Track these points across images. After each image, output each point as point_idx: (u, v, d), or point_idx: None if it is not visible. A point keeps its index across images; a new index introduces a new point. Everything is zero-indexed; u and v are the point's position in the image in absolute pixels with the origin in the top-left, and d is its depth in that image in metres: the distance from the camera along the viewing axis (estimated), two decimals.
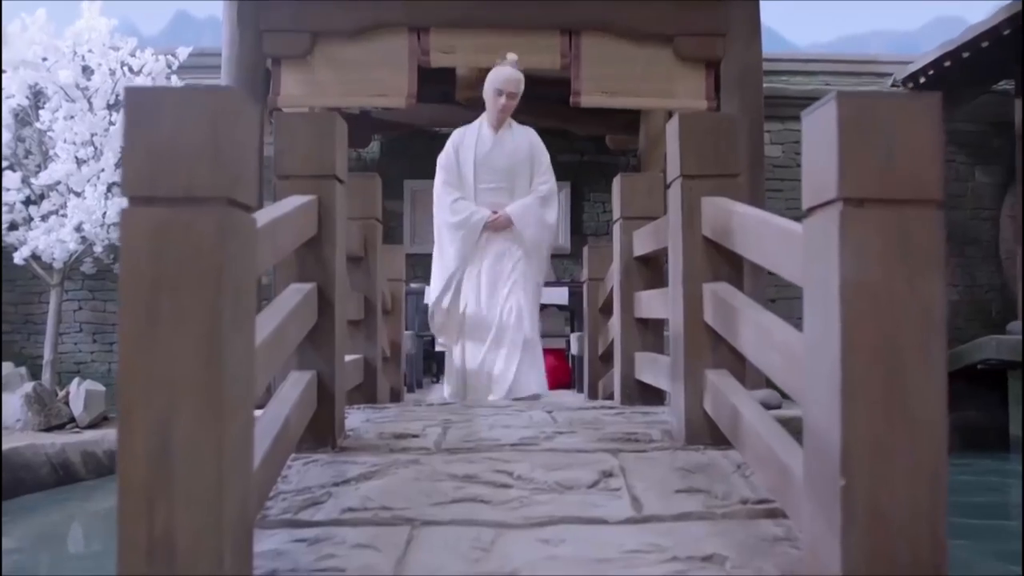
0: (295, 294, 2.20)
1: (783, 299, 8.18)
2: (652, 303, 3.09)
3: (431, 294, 4.72)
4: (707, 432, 2.35)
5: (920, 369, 1.35)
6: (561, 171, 8.38)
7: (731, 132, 2.40)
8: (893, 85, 8.38)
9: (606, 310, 4.17)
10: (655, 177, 3.44)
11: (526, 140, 4.71)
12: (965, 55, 7.29)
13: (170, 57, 7.24)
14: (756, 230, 1.90)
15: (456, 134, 4.78)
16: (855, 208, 1.35)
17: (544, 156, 4.72)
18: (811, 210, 1.47)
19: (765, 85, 8.22)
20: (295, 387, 2.23)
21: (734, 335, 2.12)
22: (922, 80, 8.01)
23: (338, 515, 1.91)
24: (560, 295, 6.22)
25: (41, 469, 6.07)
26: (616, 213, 3.55)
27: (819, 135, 1.42)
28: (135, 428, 1.28)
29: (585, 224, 8.27)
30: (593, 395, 4.26)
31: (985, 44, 7.05)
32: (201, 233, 1.31)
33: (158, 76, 7.19)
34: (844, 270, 1.35)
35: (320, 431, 2.34)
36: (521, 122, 4.80)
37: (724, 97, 5.13)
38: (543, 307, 6.37)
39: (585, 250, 4.66)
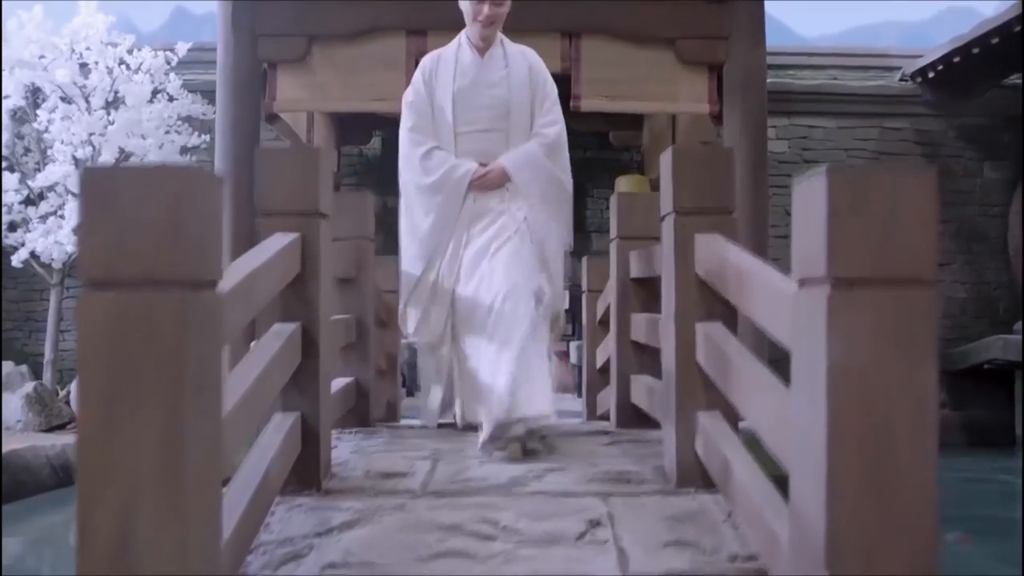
0: (276, 338, 2.15)
1: None
2: (647, 331, 3.04)
3: (401, 284, 3.46)
4: (698, 475, 2.30)
5: (912, 460, 1.29)
6: None
7: (727, 167, 2.34)
8: (902, 79, 8.26)
9: (605, 323, 4.12)
10: (652, 197, 3.37)
11: (524, 64, 3.44)
12: (975, 51, 7.17)
13: (168, 53, 7.18)
14: (749, 284, 1.84)
15: (428, 60, 3.50)
16: (844, 290, 1.30)
17: (549, 87, 3.45)
18: (801, 282, 1.42)
19: (771, 80, 8.12)
20: (278, 432, 2.19)
21: (725, 384, 2.06)
22: (931, 75, 7.89)
23: (319, 572, 1.87)
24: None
25: (42, 471, 6.07)
26: (613, 232, 3.50)
27: (809, 208, 1.35)
28: (96, 523, 1.25)
29: (588, 221, 8.20)
30: (591, 410, 4.20)
31: (995, 40, 6.92)
32: (161, 318, 1.26)
33: (156, 72, 7.14)
34: (832, 355, 1.29)
35: (304, 473, 2.30)
36: None
37: (727, 101, 5.04)
38: None
39: (584, 261, 4.60)
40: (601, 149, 7.93)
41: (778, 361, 1.81)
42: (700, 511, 2.18)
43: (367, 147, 8.00)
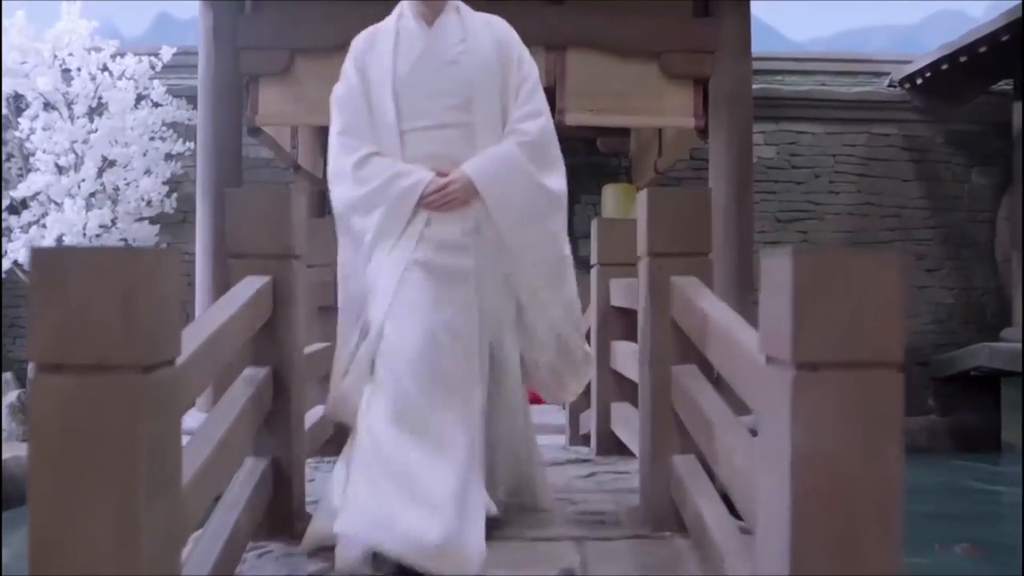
0: (246, 385, 2.12)
1: None
2: (626, 363, 3.02)
3: (338, 347, 2.49)
4: (673, 519, 2.28)
5: (877, 545, 1.28)
6: None
7: (703, 209, 2.32)
8: (890, 85, 8.24)
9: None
10: (633, 224, 3.35)
11: (489, 38, 2.57)
12: (963, 59, 7.15)
13: (153, 58, 7.12)
14: (722, 342, 1.82)
15: (360, 40, 2.63)
16: (809, 372, 1.28)
17: (527, 67, 2.59)
18: (768, 358, 1.40)
19: (759, 85, 8.10)
20: (249, 479, 2.16)
21: (696, 431, 2.05)
22: (919, 81, 7.88)
23: None
24: None
25: (25, 483, 6.01)
26: (593, 258, 3.47)
27: (776, 286, 1.33)
28: None
29: (577, 227, 8.16)
30: (575, 429, 4.18)
31: (983, 49, 6.91)
32: (114, 404, 1.24)
33: (140, 78, 7.08)
34: (796, 437, 1.27)
35: (277, 518, 2.28)
36: None
37: (712, 115, 5.01)
38: None
39: None
40: (589, 154, 7.89)
41: None
42: (674, 557, 2.17)
43: None
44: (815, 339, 1.27)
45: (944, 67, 7.44)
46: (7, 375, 7.38)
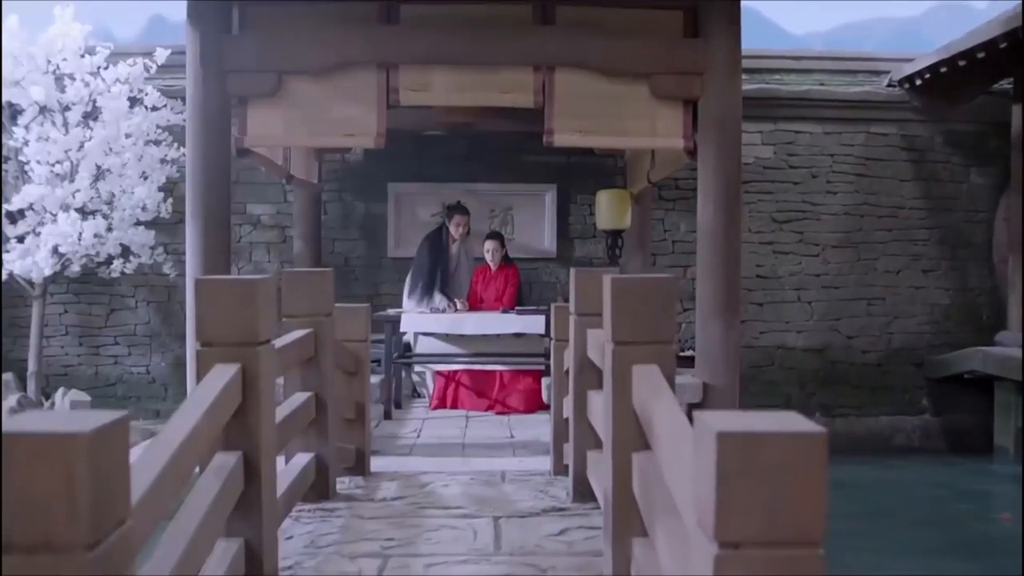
0: (216, 475, 2.17)
1: (770, 303, 8.14)
2: (597, 419, 3.06)
3: None
4: None
5: None
6: (547, 173, 8.30)
7: (666, 298, 2.34)
8: (889, 85, 8.18)
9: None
10: (610, 273, 3.38)
11: None
12: (961, 63, 7.09)
13: (147, 61, 7.10)
14: (668, 450, 1.85)
15: None
16: (731, 550, 1.31)
17: None
18: (697, 523, 1.44)
19: (757, 85, 8.06)
20: (221, 561, 2.22)
21: (649, 522, 2.10)
22: (918, 82, 7.81)
23: None
24: (537, 323, 6.15)
25: None
26: (572, 307, 3.50)
27: (702, 463, 1.37)
28: None
29: (572, 227, 8.18)
30: (559, 458, 4.24)
31: (981, 55, 6.85)
32: None
33: (135, 81, 7.08)
34: None
35: None
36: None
37: (701, 137, 4.98)
38: (519, 336, 6.35)
39: (552, 308, 4.59)
40: (584, 154, 7.87)
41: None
42: None
43: (348, 154, 7.95)
44: (737, 520, 1.30)
45: (943, 69, 7.37)
46: (8, 376, 7.47)
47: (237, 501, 2.31)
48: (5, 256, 6.57)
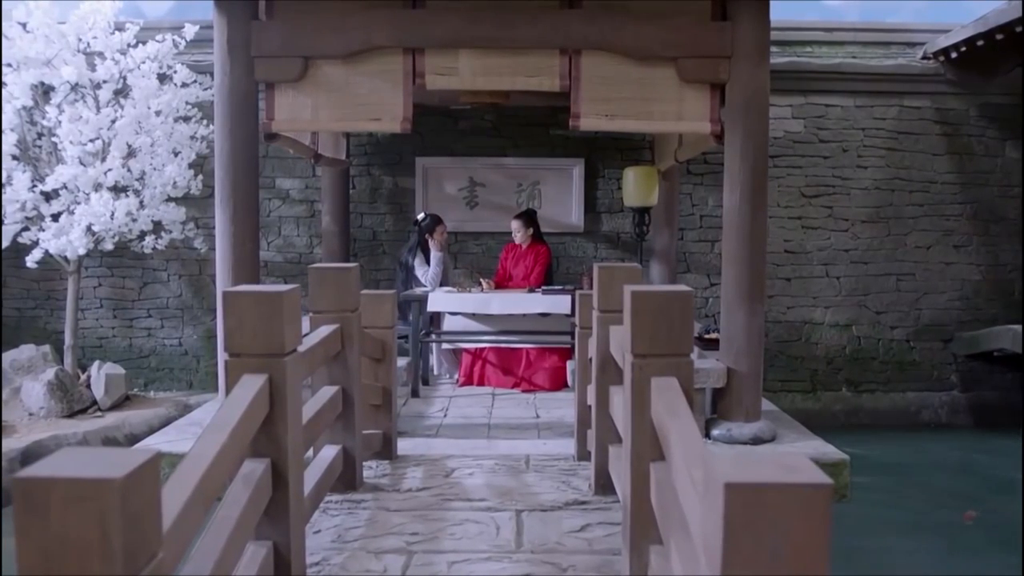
0: (244, 486, 2.25)
1: (798, 278, 8.10)
2: (617, 417, 3.10)
3: None
4: None
5: None
6: (575, 147, 8.26)
7: (684, 310, 2.36)
8: (924, 57, 8.01)
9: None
10: (633, 271, 3.40)
11: None
12: (999, 37, 6.93)
13: (176, 37, 7.14)
14: (684, 479, 1.90)
15: None
16: None
17: None
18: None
19: (788, 58, 7.94)
20: (251, 565, 2.31)
21: (667, 539, 2.14)
22: (954, 55, 7.65)
23: None
24: (563, 303, 6.18)
25: None
26: (595, 303, 3.53)
27: (710, 509, 1.41)
28: None
29: (599, 201, 8.16)
30: (583, 444, 4.30)
31: (1020, 29, 6.68)
32: None
33: (164, 58, 7.12)
34: None
35: None
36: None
37: (728, 120, 4.94)
38: (545, 315, 6.39)
39: (576, 296, 4.61)
40: None
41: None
42: None
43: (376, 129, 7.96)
44: (741, 568, 1.35)
45: (980, 42, 7.21)
46: (45, 348, 7.65)
47: (267, 506, 2.39)
48: (41, 235, 6.69)
